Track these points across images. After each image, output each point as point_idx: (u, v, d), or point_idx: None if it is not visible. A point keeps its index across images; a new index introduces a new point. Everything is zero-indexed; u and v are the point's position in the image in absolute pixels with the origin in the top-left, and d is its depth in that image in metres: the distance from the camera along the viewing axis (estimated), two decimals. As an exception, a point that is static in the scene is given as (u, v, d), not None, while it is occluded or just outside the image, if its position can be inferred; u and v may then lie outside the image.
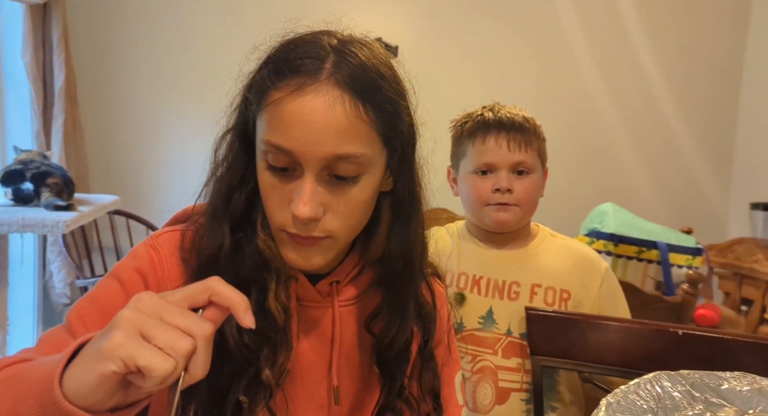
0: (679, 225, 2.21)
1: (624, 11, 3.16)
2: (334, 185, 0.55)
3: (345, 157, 0.54)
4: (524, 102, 1.16)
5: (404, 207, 0.62)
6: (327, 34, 0.58)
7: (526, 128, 1.02)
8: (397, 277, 0.63)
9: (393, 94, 0.56)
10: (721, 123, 3.26)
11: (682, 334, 0.87)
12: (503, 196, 1.01)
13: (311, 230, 0.55)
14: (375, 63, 0.56)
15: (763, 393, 0.52)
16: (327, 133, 0.52)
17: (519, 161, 1.01)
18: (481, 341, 1.03)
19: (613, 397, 0.53)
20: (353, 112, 0.53)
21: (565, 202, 2.39)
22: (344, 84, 0.53)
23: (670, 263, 1.77)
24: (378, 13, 3.14)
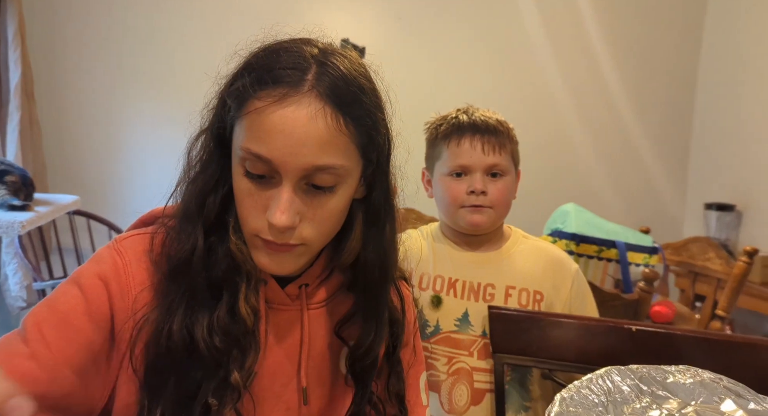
0: (637, 225, 2.29)
1: (585, 17, 3.24)
2: (311, 194, 0.57)
3: (324, 168, 0.55)
4: (488, 104, 1.18)
5: (380, 215, 0.64)
6: (308, 43, 0.58)
7: (500, 131, 1.04)
8: (372, 285, 0.64)
9: (372, 106, 0.58)
10: (676, 127, 3.38)
11: (635, 331, 0.90)
12: (478, 198, 1.02)
13: (287, 238, 0.56)
14: (355, 75, 0.57)
15: (705, 385, 0.55)
16: (308, 144, 0.53)
17: (493, 164, 1.03)
18: (457, 343, 1.05)
19: (567, 392, 0.55)
20: (334, 124, 0.54)
21: (528, 203, 2.45)
22: (326, 96, 0.54)
23: (629, 262, 1.82)
24: (345, 14, 3.14)
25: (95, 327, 0.56)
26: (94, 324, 0.56)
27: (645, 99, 3.31)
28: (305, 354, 0.65)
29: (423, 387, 0.75)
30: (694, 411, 0.52)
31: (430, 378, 1.05)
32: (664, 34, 3.30)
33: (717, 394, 0.54)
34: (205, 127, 0.61)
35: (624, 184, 3.33)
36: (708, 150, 3.30)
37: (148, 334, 0.57)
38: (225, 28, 2.92)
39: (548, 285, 1.06)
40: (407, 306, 0.73)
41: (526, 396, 1.05)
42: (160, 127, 2.85)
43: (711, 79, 3.28)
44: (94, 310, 0.56)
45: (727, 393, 0.54)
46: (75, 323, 0.55)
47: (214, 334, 0.56)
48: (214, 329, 0.56)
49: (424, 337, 1.07)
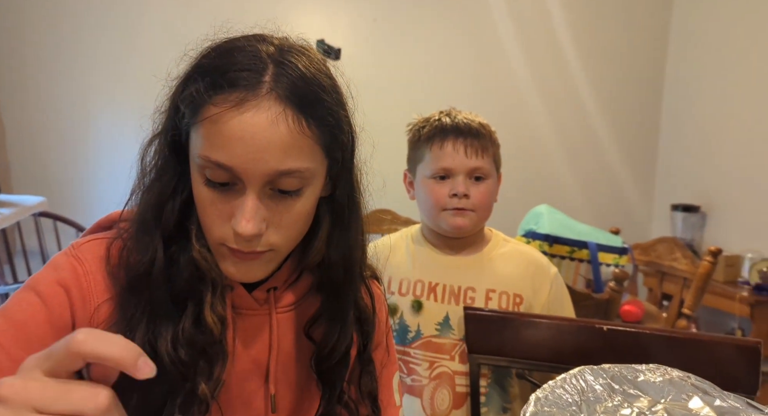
0: (607, 226, 2.34)
1: (556, 24, 3.31)
2: (277, 199, 0.55)
3: (288, 173, 0.53)
4: (460, 106, 1.19)
5: (344, 213, 0.62)
6: (262, 40, 0.55)
7: (482, 134, 1.04)
8: (336, 284, 0.63)
9: (334, 104, 0.55)
10: (644, 132, 3.47)
11: (607, 330, 0.92)
12: (460, 201, 1.03)
13: (254, 246, 0.54)
14: (315, 73, 0.54)
15: (674, 384, 0.56)
16: (270, 150, 0.51)
17: (476, 167, 1.03)
18: (439, 347, 1.05)
19: (541, 392, 0.56)
20: (296, 127, 0.52)
21: (502, 205, 2.48)
22: (286, 98, 0.52)
23: (599, 262, 1.86)
24: (321, 15, 3.13)
25: (57, 336, 0.52)
26: (56, 332, 0.53)
27: (614, 104, 3.40)
28: (274, 359, 0.63)
29: (396, 388, 0.75)
30: (664, 408, 0.54)
31: (413, 384, 1.05)
32: (632, 41, 3.39)
33: (685, 392, 0.56)
34: (157, 132, 0.58)
35: (594, 187, 3.41)
36: (674, 153, 3.39)
37: None
38: (190, 29, 2.87)
39: (528, 289, 1.07)
40: (378, 305, 0.72)
41: (506, 397, 1.06)
42: (128, 127, 2.80)
43: (677, 87, 3.38)
44: (56, 318, 0.54)
45: (695, 391, 0.56)
46: (36, 332, 0.52)
47: (180, 347, 0.54)
48: (179, 341, 0.54)
49: (406, 342, 1.07)
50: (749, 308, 2.49)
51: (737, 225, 2.92)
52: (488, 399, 1.04)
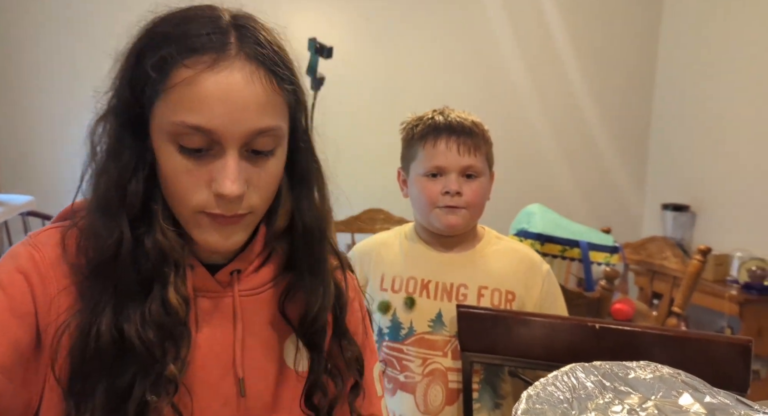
0: (599, 225, 2.35)
1: (550, 22, 3.32)
2: (253, 160, 0.55)
3: (265, 130, 0.54)
4: (454, 104, 1.19)
5: (305, 176, 0.63)
6: (214, 9, 0.56)
7: (475, 132, 1.05)
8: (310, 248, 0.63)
9: (291, 65, 0.57)
10: (635, 131, 3.50)
11: (599, 328, 0.93)
12: (453, 198, 1.03)
13: (236, 208, 0.54)
14: (272, 38, 0.56)
15: (664, 380, 0.57)
16: (249, 108, 0.52)
17: (468, 165, 1.04)
18: (432, 344, 1.05)
19: (533, 389, 0.56)
20: (269, 86, 0.53)
21: (493, 203, 2.49)
22: (254, 58, 0.53)
23: (591, 261, 1.87)
24: (313, 13, 3.12)
25: (20, 323, 0.52)
26: (19, 319, 0.52)
27: (606, 105, 3.42)
28: (239, 343, 0.62)
29: (377, 378, 0.74)
30: (654, 405, 0.54)
31: (406, 380, 1.06)
32: (623, 43, 3.41)
33: (675, 389, 0.56)
34: (105, 111, 0.56)
35: (586, 186, 3.43)
36: (665, 153, 3.42)
37: (72, 340, 0.53)
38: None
39: (520, 286, 1.07)
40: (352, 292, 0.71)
41: (499, 393, 1.07)
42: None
43: (667, 88, 3.40)
44: (17, 306, 0.53)
45: (685, 388, 0.56)
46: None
47: (148, 328, 0.53)
48: (147, 323, 0.53)
49: (399, 339, 1.07)
50: (738, 306, 2.51)
51: (726, 225, 2.95)
52: (480, 396, 1.04)
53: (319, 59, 2.23)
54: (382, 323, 1.09)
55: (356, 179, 3.14)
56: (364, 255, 1.15)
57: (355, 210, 2.79)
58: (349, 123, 3.17)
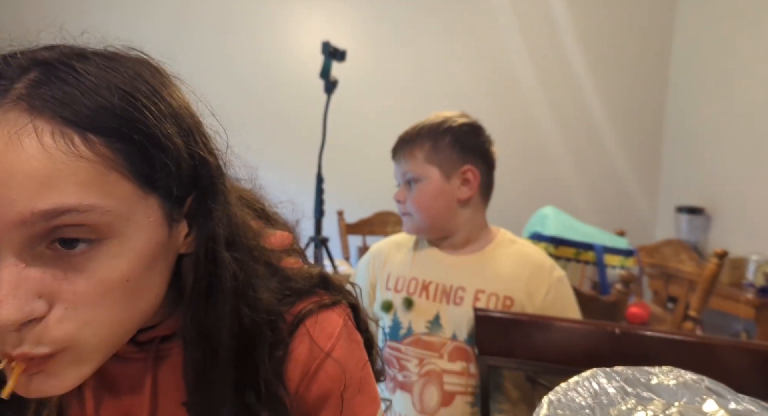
0: (612, 228, 2.34)
1: (561, 25, 3.30)
2: (59, 260, 0.38)
3: (59, 212, 0.36)
4: (473, 108, 1.19)
5: (203, 273, 0.44)
6: (45, 47, 0.40)
7: (409, 140, 1.08)
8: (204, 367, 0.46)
9: (151, 116, 0.40)
10: (649, 134, 3.48)
11: (618, 332, 0.92)
12: (400, 206, 1.11)
13: (34, 341, 0.37)
14: (118, 80, 0.39)
15: (687, 386, 0.56)
16: (13, 182, 0.35)
17: (404, 172, 1.09)
18: (429, 345, 1.06)
19: (554, 395, 0.56)
20: (62, 146, 0.36)
21: (508, 206, 2.49)
22: (43, 108, 0.37)
23: (605, 264, 1.86)
24: (326, 16, 3.14)
25: None
26: None
27: (619, 107, 3.40)
28: (161, 411, 0.50)
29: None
30: (678, 411, 0.54)
31: (404, 379, 1.07)
32: (636, 45, 3.39)
33: (699, 394, 0.56)
34: None
35: (600, 189, 3.41)
36: (678, 155, 3.39)
37: None
38: (207, 36, 2.89)
39: (521, 291, 1.06)
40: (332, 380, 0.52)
41: (500, 398, 1.07)
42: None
43: (680, 89, 3.37)
44: None
45: (709, 394, 0.56)
46: None
47: None
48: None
49: (398, 338, 1.09)
50: (754, 310, 2.48)
51: (742, 227, 2.92)
52: (476, 401, 1.05)
53: (333, 63, 2.25)
54: (385, 322, 1.11)
55: (368, 181, 3.15)
56: (377, 256, 1.19)
57: (367, 213, 2.79)
58: (361, 125, 3.18)
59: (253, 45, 3.08)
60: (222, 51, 3.06)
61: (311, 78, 2.35)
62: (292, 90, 3.08)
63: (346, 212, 2.77)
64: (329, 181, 2.53)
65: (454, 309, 1.06)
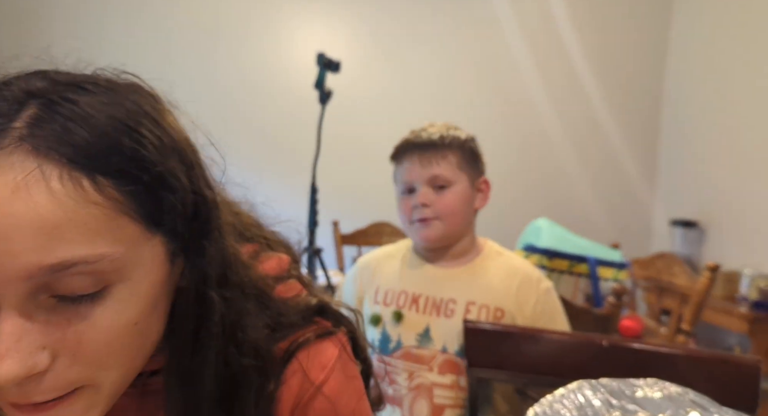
0: (607, 241, 2.34)
1: (563, 38, 3.34)
2: (64, 309, 0.36)
3: (67, 265, 0.34)
4: (463, 119, 1.20)
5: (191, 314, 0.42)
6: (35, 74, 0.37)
7: (438, 144, 1.06)
8: (186, 413, 0.44)
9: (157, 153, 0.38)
10: (644, 147, 3.51)
11: (607, 345, 0.93)
12: (422, 211, 1.05)
13: (38, 392, 0.35)
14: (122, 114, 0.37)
15: (672, 399, 0.57)
16: (18, 235, 0.33)
17: (434, 175, 1.05)
18: (418, 358, 1.06)
19: (539, 407, 0.56)
20: (71, 192, 0.34)
21: (503, 217, 2.49)
22: (49, 150, 0.34)
23: (599, 277, 1.86)
24: (321, 28, 3.17)
25: None
26: None
27: (615, 121, 3.44)
28: None
29: None
30: (662, 424, 0.54)
31: (394, 393, 1.06)
32: (631, 60, 3.43)
33: (683, 407, 0.56)
34: None
35: (595, 201, 3.42)
36: (674, 169, 3.41)
37: None
38: (198, 48, 2.90)
39: (511, 303, 1.07)
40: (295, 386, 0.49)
41: (490, 411, 1.06)
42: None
43: (675, 104, 3.41)
44: None
45: (693, 406, 0.56)
46: None
47: None
48: None
49: (387, 352, 1.08)
50: (748, 324, 2.48)
51: (736, 241, 2.93)
52: (466, 413, 1.04)
53: (327, 74, 2.26)
54: (374, 336, 1.10)
55: (363, 192, 3.16)
56: (365, 269, 1.18)
57: (362, 224, 2.80)
58: (357, 136, 3.20)
59: (247, 57, 3.10)
60: (214, 63, 3.08)
61: (306, 89, 2.37)
62: (286, 101, 3.10)
63: (341, 222, 2.77)
64: (325, 191, 2.54)
65: (444, 321, 1.05)
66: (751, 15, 2.83)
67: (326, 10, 3.15)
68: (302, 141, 2.61)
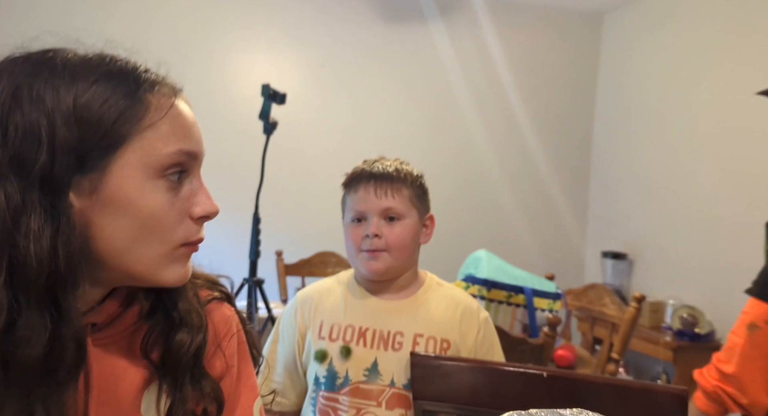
0: (543, 272, 2.43)
1: (502, 79, 3.50)
2: None
3: None
4: (407, 152, 1.23)
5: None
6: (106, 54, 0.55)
7: (395, 177, 1.08)
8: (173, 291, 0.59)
9: None
10: (576, 184, 3.71)
11: (547, 376, 0.96)
12: (372, 241, 1.05)
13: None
14: None
15: (597, 428, 0.60)
16: None
17: (387, 207, 1.06)
18: (366, 394, 1.04)
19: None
20: None
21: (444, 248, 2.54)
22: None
23: (535, 307, 1.92)
24: (266, 59, 3.17)
25: None
26: None
27: (550, 161, 3.63)
28: (94, 400, 0.53)
29: (258, 413, 0.68)
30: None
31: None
32: (564, 102, 3.65)
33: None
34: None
35: (532, 233, 3.56)
36: (604, 203, 3.61)
37: None
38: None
39: (455, 333, 1.08)
40: (225, 326, 0.66)
41: None
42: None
43: (604, 147, 3.64)
44: None
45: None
46: None
47: None
48: None
49: (335, 389, 1.05)
50: (672, 352, 2.62)
51: (660, 273, 3.11)
52: None
53: (272, 105, 2.27)
54: (319, 372, 1.07)
55: (308, 222, 3.14)
56: (304, 303, 1.14)
57: (306, 253, 2.77)
58: (303, 167, 3.19)
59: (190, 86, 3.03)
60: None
61: (252, 120, 2.36)
62: (232, 131, 3.06)
63: (285, 253, 2.73)
64: (269, 221, 2.50)
65: (392, 354, 1.05)
66: (670, 62, 3.09)
67: (274, 40, 3.17)
68: (248, 171, 2.58)
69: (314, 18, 3.21)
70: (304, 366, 1.11)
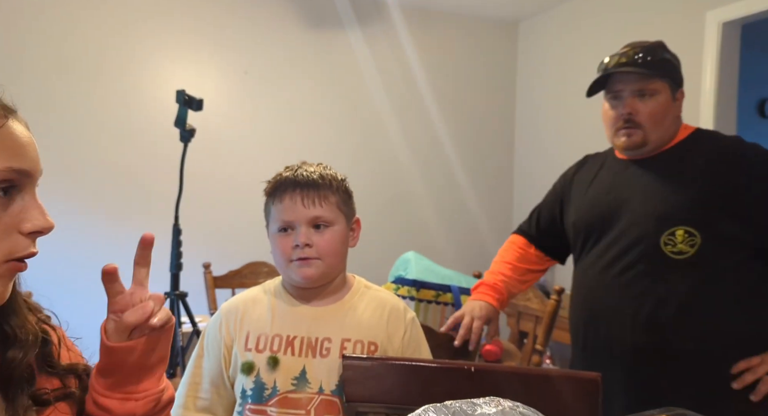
0: (470, 270, 2.51)
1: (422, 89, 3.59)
2: None
3: None
4: (332, 159, 1.23)
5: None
6: None
7: (320, 184, 1.06)
8: None
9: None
10: (500, 189, 3.88)
11: (474, 370, 0.99)
12: (303, 250, 1.04)
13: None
14: None
15: (505, 413, 0.63)
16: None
17: (315, 216, 1.05)
18: (295, 403, 1.03)
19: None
20: None
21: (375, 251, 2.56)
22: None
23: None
24: (185, 65, 3.08)
25: None
26: None
27: (475, 165, 3.76)
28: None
29: None
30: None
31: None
32: (487, 112, 3.80)
33: (514, 419, 0.63)
34: None
35: (459, 235, 3.67)
36: (526, 206, 3.78)
37: None
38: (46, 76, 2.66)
39: (382, 335, 1.09)
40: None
41: None
42: None
43: (525, 149, 3.82)
44: None
45: (520, 417, 0.63)
46: None
47: None
48: None
49: (262, 401, 1.03)
50: (592, 341, 2.76)
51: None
52: None
53: (189, 111, 2.21)
54: (246, 385, 1.04)
55: (237, 232, 3.06)
56: (230, 314, 1.11)
57: (237, 265, 2.70)
58: (229, 175, 3.12)
59: (104, 93, 2.89)
60: (66, 98, 2.83)
61: (170, 127, 2.28)
62: (148, 139, 2.94)
63: (215, 264, 2.65)
64: (195, 232, 2.42)
65: (320, 361, 1.05)
66: (580, 63, 3.29)
67: (195, 46, 3.08)
68: (169, 181, 2.49)
69: (236, 24, 3.15)
70: (231, 379, 1.08)
